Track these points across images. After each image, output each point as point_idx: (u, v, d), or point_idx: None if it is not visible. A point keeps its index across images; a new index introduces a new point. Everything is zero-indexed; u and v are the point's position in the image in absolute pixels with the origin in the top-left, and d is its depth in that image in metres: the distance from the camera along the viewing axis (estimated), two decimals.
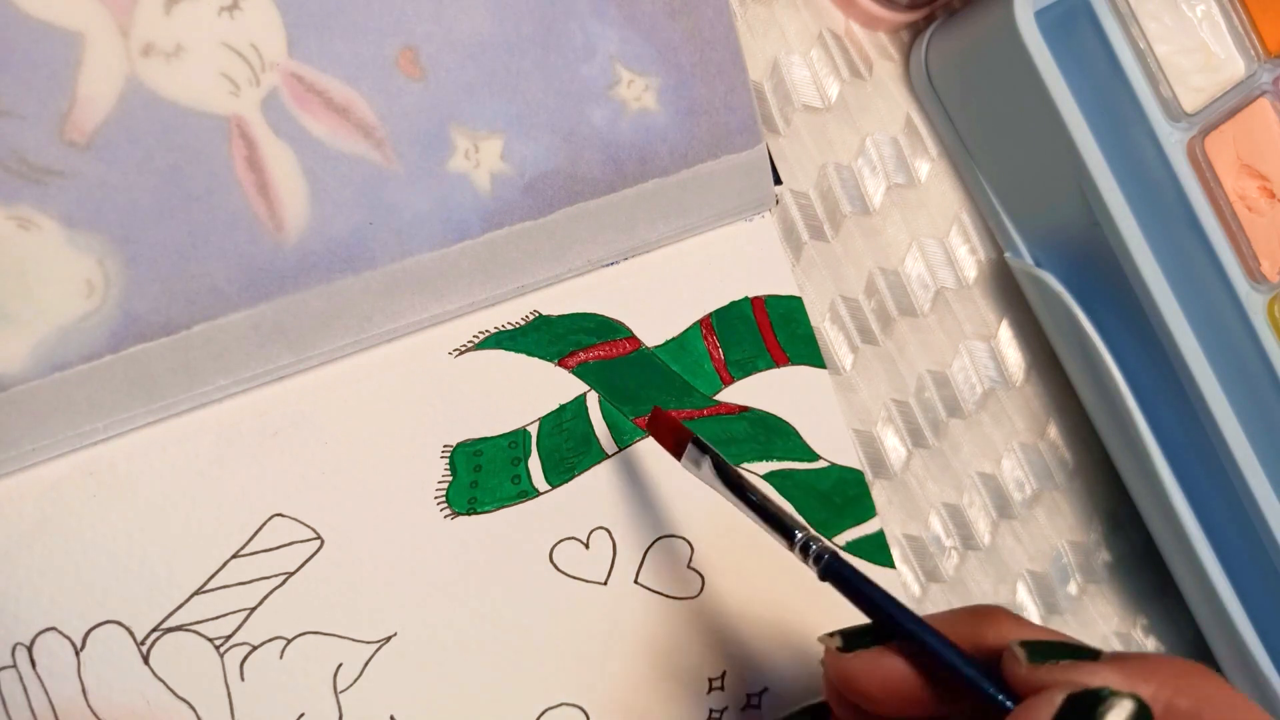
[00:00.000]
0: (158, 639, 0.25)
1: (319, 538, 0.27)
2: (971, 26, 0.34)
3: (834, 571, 0.24)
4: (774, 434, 0.33)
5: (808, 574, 0.24)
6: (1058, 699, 0.19)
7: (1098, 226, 0.34)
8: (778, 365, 0.33)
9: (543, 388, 0.30)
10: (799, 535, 0.25)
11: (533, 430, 0.29)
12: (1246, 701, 0.20)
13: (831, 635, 0.24)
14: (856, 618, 0.24)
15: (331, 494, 0.27)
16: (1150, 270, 0.33)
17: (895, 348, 0.36)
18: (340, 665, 0.27)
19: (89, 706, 0.24)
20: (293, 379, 0.27)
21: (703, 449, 0.27)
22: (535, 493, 0.29)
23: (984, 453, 0.38)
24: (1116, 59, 0.33)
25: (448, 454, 0.28)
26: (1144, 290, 0.34)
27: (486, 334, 0.29)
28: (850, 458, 0.34)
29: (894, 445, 0.36)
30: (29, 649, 0.24)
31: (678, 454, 0.27)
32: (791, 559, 0.25)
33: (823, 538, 0.25)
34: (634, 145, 0.30)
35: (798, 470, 0.33)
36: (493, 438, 0.29)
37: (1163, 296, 0.34)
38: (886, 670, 0.23)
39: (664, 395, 0.31)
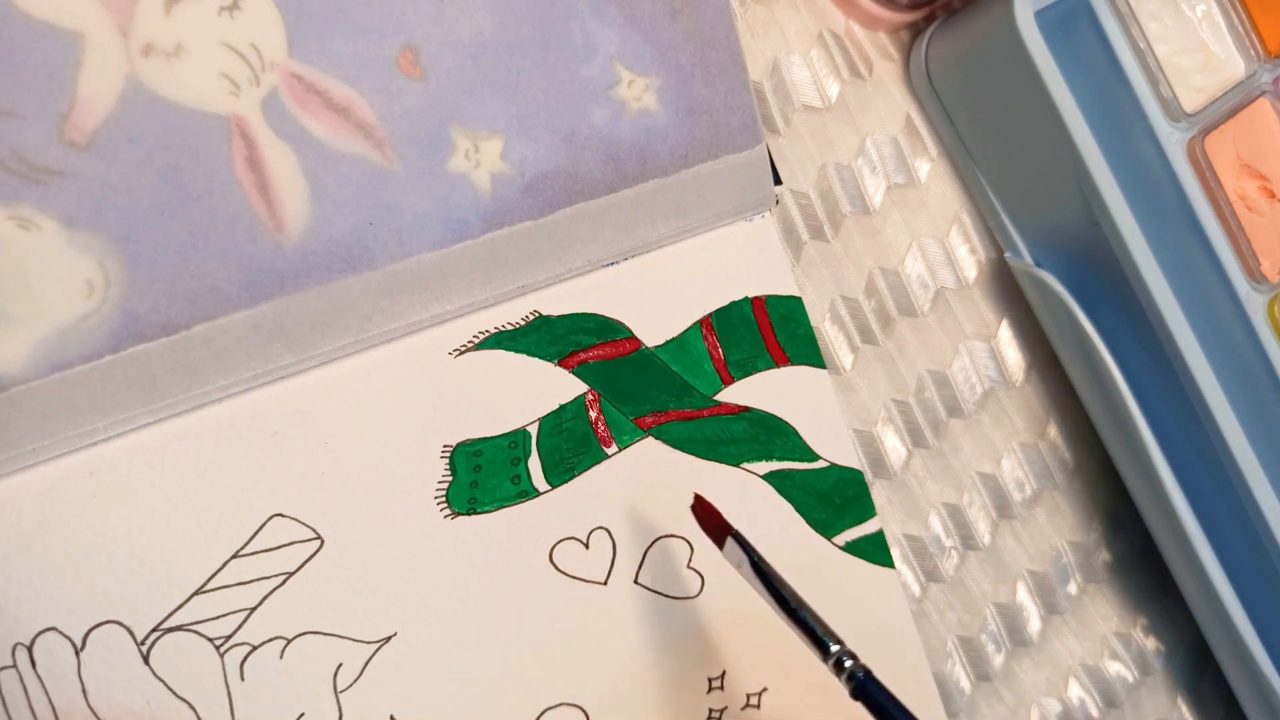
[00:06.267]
0: (158, 639, 0.25)
1: (319, 538, 0.27)
2: (971, 26, 0.34)
3: (865, 693, 0.24)
4: (774, 434, 0.33)
5: (806, 576, 0.24)
6: None
7: (1098, 226, 0.34)
8: (777, 365, 0.33)
9: (543, 388, 0.30)
10: (834, 649, 0.24)
11: (533, 430, 0.29)
12: None
13: None
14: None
15: (331, 494, 0.27)
16: (1150, 270, 0.33)
17: (895, 348, 0.36)
18: (340, 665, 0.27)
19: (89, 707, 0.24)
20: (293, 379, 0.27)
21: (744, 546, 0.26)
22: (535, 493, 0.29)
23: (984, 453, 0.38)
24: (1116, 59, 0.33)
25: (448, 454, 0.28)
26: (1144, 290, 0.34)
27: (486, 334, 0.29)
28: (850, 458, 0.34)
29: (894, 445, 0.36)
30: (29, 649, 0.24)
31: (719, 545, 0.27)
32: (794, 558, 0.25)
33: (856, 654, 0.24)
34: (634, 145, 0.30)
35: (797, 470, 0.33)
36: (493, 438, 0.29)
37: (1163, 296, 0.33)
38: None
39: (663, 395, 0.31)
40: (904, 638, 0.34)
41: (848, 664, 0.24)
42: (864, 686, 0.24)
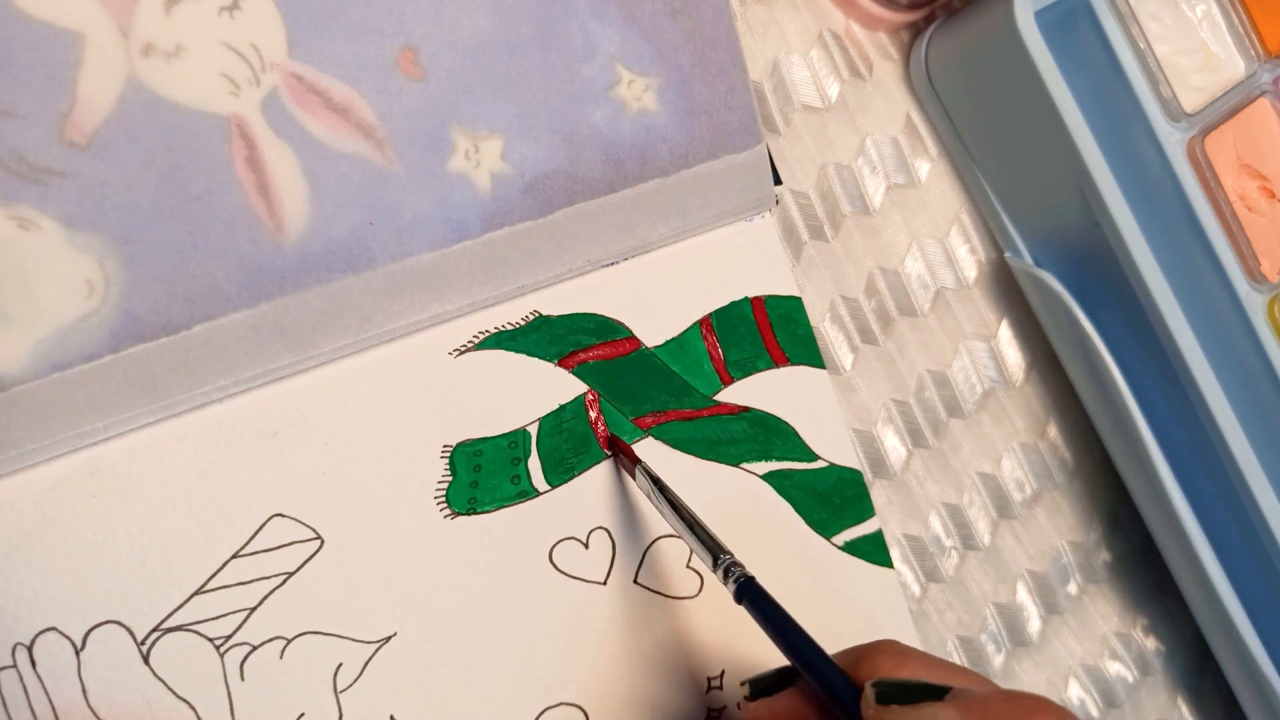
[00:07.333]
0: (158, 639, 0.25)
1: (319, 538, 0.27)
2: (971, 26, 0.34)
3: (748, 595, 0.25)
4: (773, 434, 0.33)
5: (806, 575, 0.24)
6: None
7: (1098, 226, 0.34)
8: (777, 365, 0.33)
9: (543, 388, 0.30)
10: (722, 558, 0.26)
11: (532, 430, 0.29)
12: None
13: (743, 684, 0.25)
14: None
15: (331, 494, 0.27)
16: (1150, 270, 0.33)
17: (895, 348, 0.36)
18: (340, 665, 0.27)
19: (89, 706, 0.24)
20: (293, 379, 0.27)
21: (651, 475, 0.29)
22: (535, 493, 0.29)
23: (984, 453, 0.38)
24: (1116, 59, 0.33)
25: (448, 454, 0.28)
26: (1144, 290, 0.34)
27: (486, 334, 0.29)
28: (849, 458, 0.34)
29: (894, 445, 0.36)
30: (29, 649, 0.24)
31: (632, 474, 0.30)
32: (794, 558, 0.25)
33: (743, 564, 0.26)
34: (634, 145, 0.30)
35: (797, 470, 0.33)
36: (493, 438, 0.29)
37: (1163, 296, 0.34)
38: (781, 715, 0.24)
39: (663, 395, 0.31)
40: (904, 638, 0.34)
41: (734, 571, 0.26)
42: (746, 589, 0.25)
